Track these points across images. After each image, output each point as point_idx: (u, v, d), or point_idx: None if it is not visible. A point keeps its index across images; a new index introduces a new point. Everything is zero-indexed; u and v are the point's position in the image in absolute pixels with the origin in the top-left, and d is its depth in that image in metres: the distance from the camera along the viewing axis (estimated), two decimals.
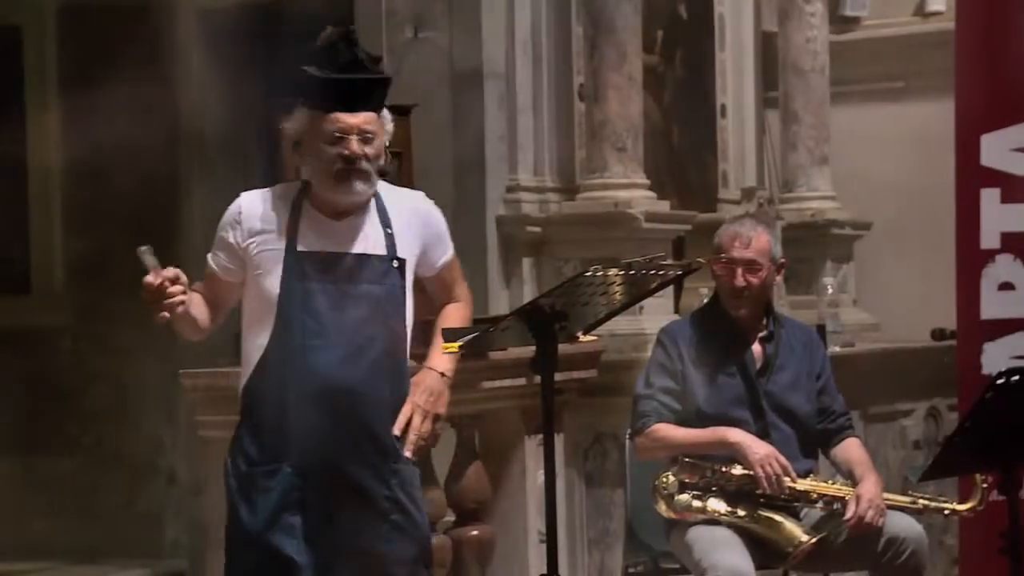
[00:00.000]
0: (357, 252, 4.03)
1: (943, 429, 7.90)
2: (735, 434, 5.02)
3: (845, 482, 5.09)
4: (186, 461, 8.32)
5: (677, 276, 5.08)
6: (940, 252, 6.72)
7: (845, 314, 7.84)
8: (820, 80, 8.18)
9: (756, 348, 5.19)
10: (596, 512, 6.67)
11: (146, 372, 8.36)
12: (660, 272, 4.55)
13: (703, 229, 6.72)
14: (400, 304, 4.07)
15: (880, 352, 7.78)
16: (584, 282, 4.41)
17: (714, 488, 5.04)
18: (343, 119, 3.96)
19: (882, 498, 4.96)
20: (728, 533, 4.97)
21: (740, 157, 8.51)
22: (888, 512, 4.95)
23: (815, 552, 4.93)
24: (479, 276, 6.80)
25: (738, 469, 5.01)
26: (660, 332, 5.28)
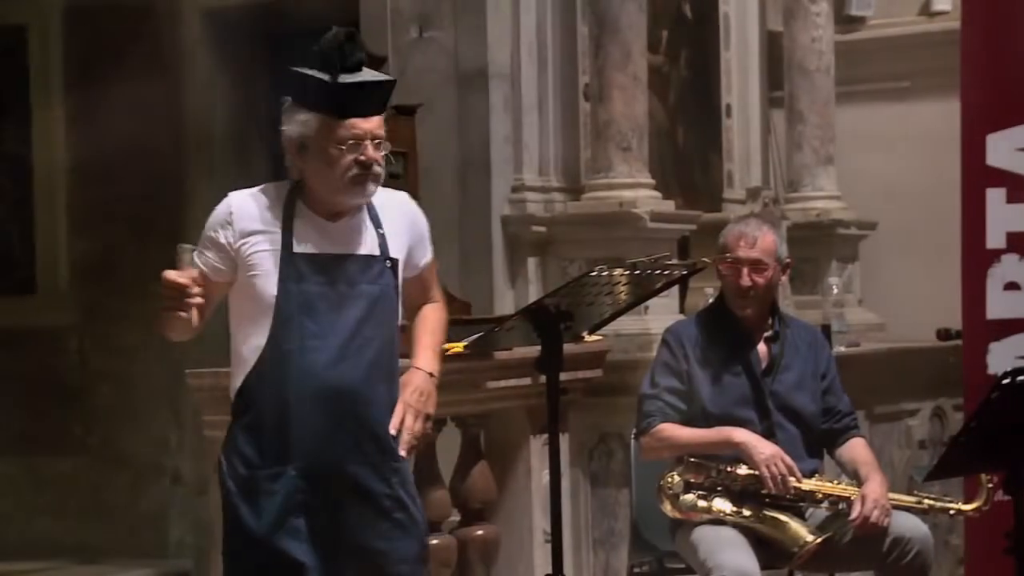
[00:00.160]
0: (353, 253, 4.03)
1: (948, 429, 7.89)
2: (740, 434, 5.02)
3: (850, 482, 5.09)
4: (191, 461, 8.32)
5: (682, 276, 5.08)
6: (946, 252, 6.71)
7: (850, 314, 7.84)
8: (825, 80, 8.17)
9: (761, 348, 5.19)
10: (601, 512, 6.67)
11: (151, 372, 8.36)
12: (665, 272, 4.55)
13: (708, 229, 6.71)
14: (394, 304, 4.07)
15: (885, 352, 7.77)
16: (589, 282, 4.41)
17: (719, 488, 5.04)
18: (359, 125, 3.94)
19: (887, 498, 4.96)
20: (733, 533, 4.97)
21: (745, 157, 8.51)
22: (893, 512, 4.95)
23: (820, 552, 4.93)
24: (484, 276, 6.81)
25: (743, 469, 5.01)
26: (665, 332, 5.28)
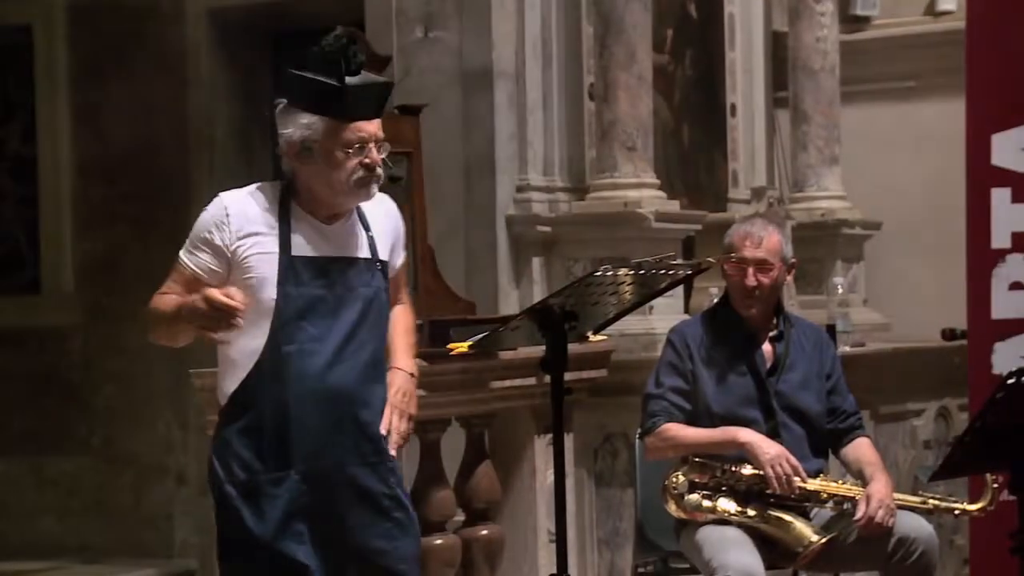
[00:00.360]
0: (349, 256, 4.02)
1: (953, 429, 7.89)
2: (745, 434, 5.01)
3: (855, 482, 5.08)
4: (196, 461, 8.32)
5: (687, 276, 5.07)
6: (951, 252, 6.70)
7: (855, 314, 7.84)
8: (830, 80, 8.16)
9: (766, 348, 5.19)
10: (606, 512, 6.66)
11: (155, 372, 8.37)
12: (670, 272, 4.55)
13: (713, 229, 6.71)
14: (385, 305, 4.08)
15: (890, 352, 7.77)
16: (594, 282, 4.41)
17: (724, 488, 5.03)
18: (364, 128, 3.94)
19: (892, 498, 4.95)
20: (738, 533, 4.97)
21: (750, 157, 8.50)
22: (898, 512, 4.94)
23: (825, 552, 4.92)
24: (489, 275, 6.80)
25: (748, 469, 5.00)
26: (670, 332, 5.28)
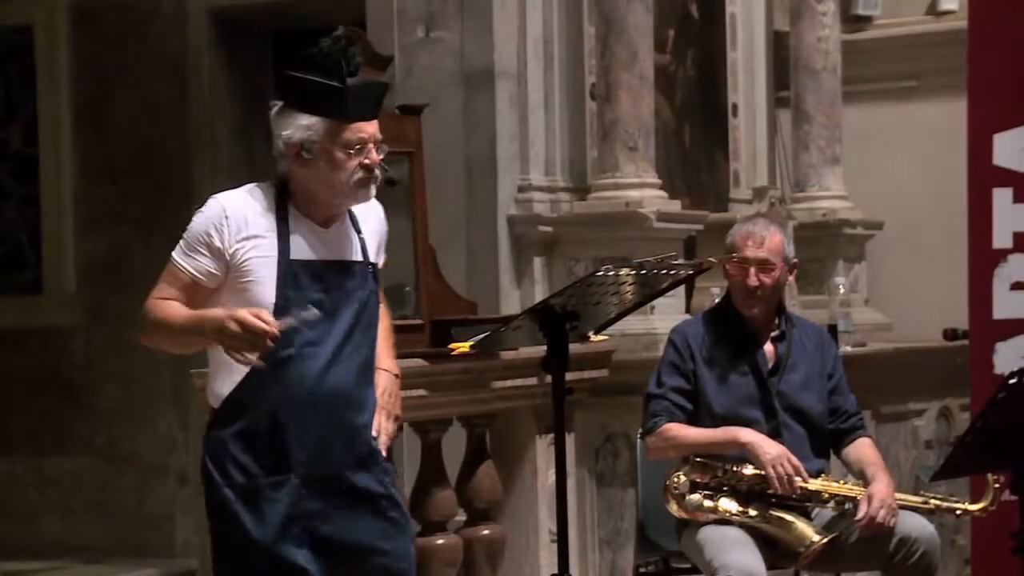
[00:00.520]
0: (344, 259, 4.02)
1: (955, 429, 7.89)
2: (747, 434, 5.01)
3: (857, 482, 5.08)
4: (197, 461, 8.26)
5: (688, 276, 5.07)
6: (952, 252, 6.70)
7: (857, 314, 7.83)
8: (832, 79, 8.16)
9: (768, 348, 5.18)
10: (607, 512, 6.66)
11: (157, 372, 8.37)
12: (671, 272, 4.55)
13: (714, 229, 6.71)
14: (376, 308, 4.07)
15: (892, 352, 7.77)
16: (595, 282, 4.41)
17: (725, 488, 5.03)
18: (365, 129, 3.93)
19: (894, 498, 4.95)
20: (739, 533, 4.97)
21: (752, 156, 8.50)
22: (900, 512, 4.94)
23: (826, 552, 4.92)
24: (490, 275, 6.80)
25: (749, 469, 5.00)
26: (672, 332, 5.28)
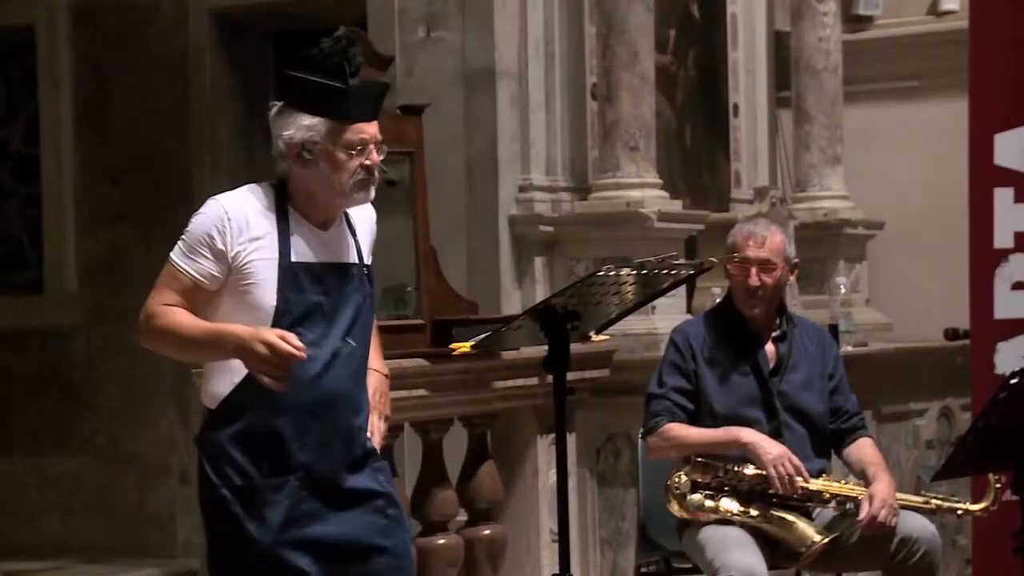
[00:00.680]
0: (343, 262, 4.02)
1: (956, 429, 7.88)
2: (748, 434, 5.01)
3: (858, 482, 5.08)
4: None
5: (690, 276, 5.07)
6: (953, 251, 6.70)
7: (858, 314, 7.83)
8: (833, 79, 8.16)
9: (769, 348, 5.18)
10: (608, 512, 6.66)
11: (158, 372, 8.37)
12: (672, 272, 4.55)
13: (715, 228, 6.71)
14: (371, 310, 4.07)
15: (893, 352, 7.76)
16: (596, 282, 4.41)
17: (726, 488, 5.03)
18: (366, 129, 3.92)
19: (895, 498, 4.95)
20: (740, 533, 4.97)
21: (753, 156, 8.50)
22: (901, 512, 4.94)
23: (828, 552, 4.92)
24: (491, 275, 6.80)
25: (751, 469, 5.00)
26: (673, 332, 5.28)
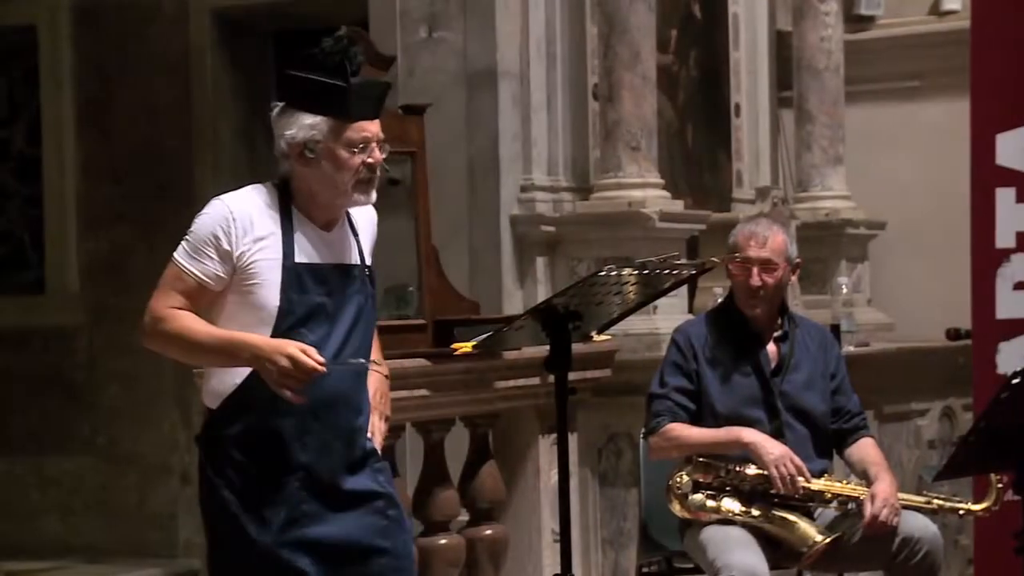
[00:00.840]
0: (345, 263, 4.01)
1: (958, 429, 7.88)
2: (749, 434, 5.01)
3: (859, 482, 5.08)
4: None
5: (691, 275, 5.07)
6: (955, 251, 6.70)
7: (859, 314, 7.83)
8: (835, 79, 8.16)
9: (771, 348, 5.18)
10: (610, 512, 6.66)
11: (160, 372, 8.37)
12: (674, 271, 4.55)
13: (717, 228, 6.71)
14: (372, 311, 4.07)
15: (895, 352, 7.76)
16: (598, 282, 4.41)
17: (728, 488, 5.03)
18: (368, 128, 3.92)
19: (897, 498, 4.95)
20: (742, 533, 4.97)
21: (754, 156, 8.49)
22: (903, 512, 4.94)
23: (829, 552, 4.92)
24: (493, 275, 6.80)
25: (752, 469, 5.00)
26: (674, 332, 5.28)
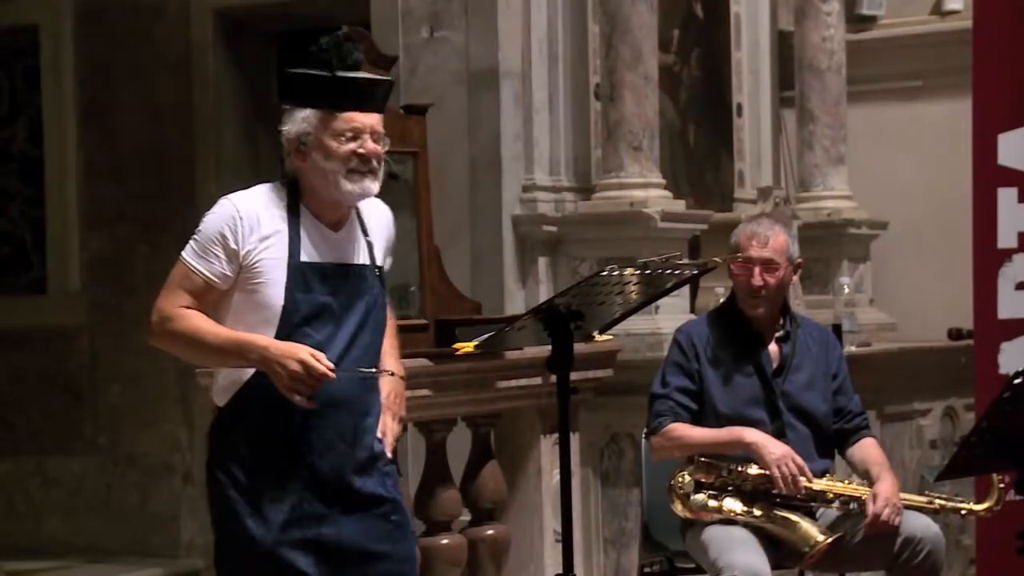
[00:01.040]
0: (353, 263, 4.01)
1: (960, 429, 7.88)
2: (751, 434, 5.01)
3: (861, 482, 5.08)
4: (202, 461, 8.29)
5: (693, 275, 5.07)
6: (957, 251, 6.70)
7: (861, 314, 7.82)
8: (836, 79, 8.15)
9: (772, 348, 5.18)
10: (612, 512, 6.66)
11: (162, 372, 8.37)
12: (676, 271, 4.54)
13: (719, 228, 6.71)
14: (383, 312, 4.07)
15: (897, 352, 7.75)
16: (600, 281, 4.41)
17: (730, 488, 5.03)
18: (358, 118, 3.92)
19: (899, 497, 4.95)
20: (744, 533, 4.97)
21: (756, 156, 8.49)
22: (905, 512, 4.94)
23: (831, 552, 4.92)
24: (495, 275, 6.80)
25: (754, 469, 5.00)
26: (676, 332, 5.28)
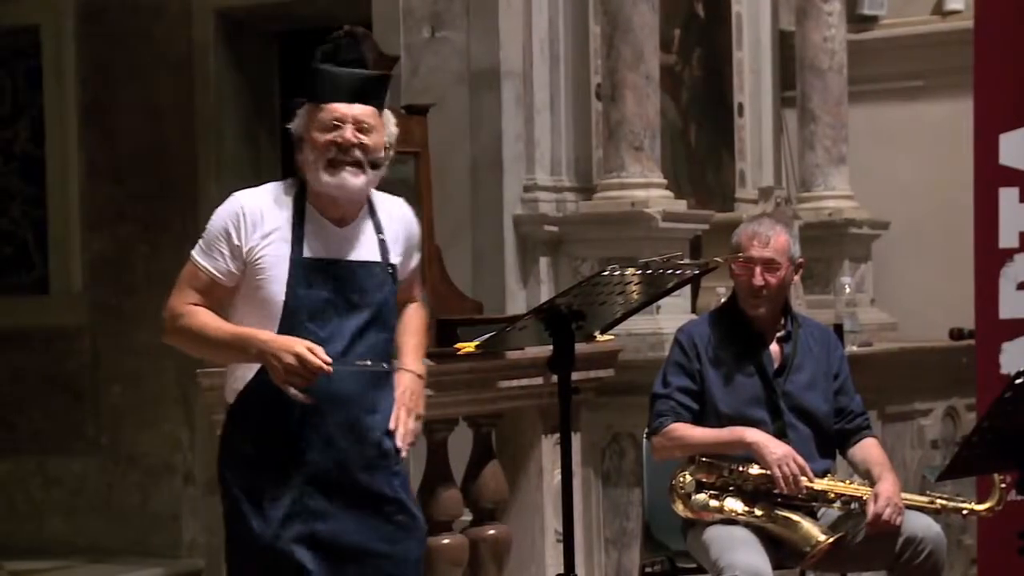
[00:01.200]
0: (359, 260, 4.02)
1: (961, 429, 7.88)
2: (752, 434, 5.01)
3: (862, 482, 5.08)
4: (203, 461, 8.33)
5: (694, 275, 5.07)
6: (958, 251, 6.70)
7: (863, 313, 7.82)
8: (838, 79, 8.15)
9: (774, 348, 5.18)
10: (613, 512, 6.66)
11: (163, 371, 8.38)
12: (677, 271, 4.55)
13: (720, 228, 6.71)
14: (393, 310, 4.08)
15: (898, 352, 7.75)
16: (601, 281, 4.41)
17: (731, 488, 5.03)
18: (338, 108, 3.98)
19: (900, 497, 4.95)
20: (745, 533, 4.97)
21: (757, 156, 8.49)
22: (906, 512, 4.93)
23: (832, 552, 4.92)
24: (496, 275, 6.80)
25: (755, 469, 5.00)
26: (677, 331, 5.28)
